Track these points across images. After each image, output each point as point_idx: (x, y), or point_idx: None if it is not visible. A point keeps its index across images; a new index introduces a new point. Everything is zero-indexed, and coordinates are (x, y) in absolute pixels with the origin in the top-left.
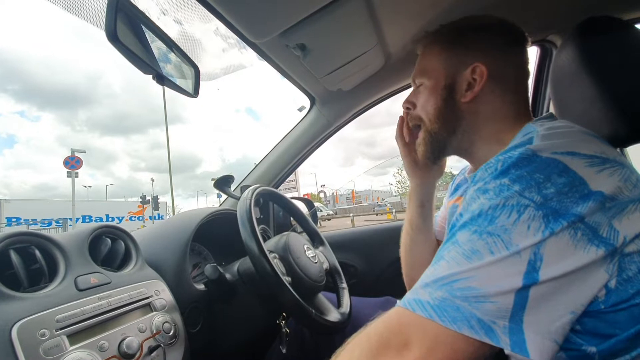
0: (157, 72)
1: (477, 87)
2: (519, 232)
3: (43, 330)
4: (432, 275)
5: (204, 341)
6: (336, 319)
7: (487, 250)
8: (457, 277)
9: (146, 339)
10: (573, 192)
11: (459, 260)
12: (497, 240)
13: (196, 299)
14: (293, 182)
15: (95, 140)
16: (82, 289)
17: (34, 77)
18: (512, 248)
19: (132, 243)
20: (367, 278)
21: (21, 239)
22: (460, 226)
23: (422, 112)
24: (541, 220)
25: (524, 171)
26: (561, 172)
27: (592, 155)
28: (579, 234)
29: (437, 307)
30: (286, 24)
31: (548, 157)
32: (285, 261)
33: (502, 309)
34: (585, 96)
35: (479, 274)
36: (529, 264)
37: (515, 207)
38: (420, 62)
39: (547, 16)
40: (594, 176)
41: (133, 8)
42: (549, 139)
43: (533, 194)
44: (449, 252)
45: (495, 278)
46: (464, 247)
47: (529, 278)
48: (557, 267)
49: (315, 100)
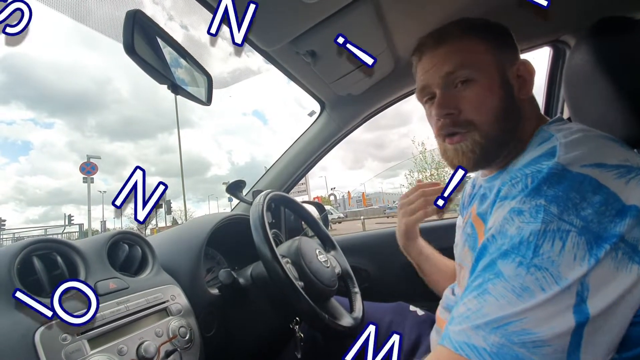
0: (172, 82)
1: (529, 84)
2: (566, 264)
3: (64, 335)
4: (481, 315)
5: (218, 345)
6: (349, 323)
7: (537, 287)
8: (511, 319)
9: (163, 343)
10: (610, 210)
11: (509, 299)
12: (546, 275)
13: (210, 304)
14: (303, 185)
15: (105, 145)
16: (102, 294)
17: (44, 83)
18: (562, 282)
19: (148, 248)
20: (379, 282)
21: (43, 245)
22: (501, 254)
23: (477, 114)
24: (585, 247)
25: (559, 190)
26: (595, 189)
27: (618, 165)
28: (619, 255)
29: (495, 355)
30: (296, 31)
31: (578, 172)
32: (298, 266)
33: (559, 350)
34: (600, 97)
35: (533, 315)
36: (577, 295)
37: (558, 234)
38: (456, 56)
39: (560, 16)
40: (624, 188)
41: (148, 20)
42: (574, 149)
43: (572, 216)
44: (495, 286)
45: (549, 318)
46: (512, 283)
47: (579, 313)
48: (604, 295)
49: (325, 105)
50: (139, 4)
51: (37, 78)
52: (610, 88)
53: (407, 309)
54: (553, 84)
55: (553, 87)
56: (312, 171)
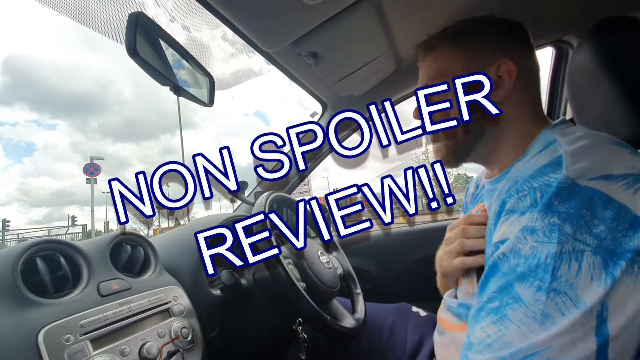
0: (174, 84)
1: (507, 84)
2: (583, 286)
3: (68, 336)
4: (504, 344)
5: (220, 346)
6: (351, 324)
7: (558, 313)
8: (535, 349)
9: (165, 344)
10: (622, 224)
11: (531, 327)
12: (566, 300)
13: (212, 305)
14: (306, 186)
15: (108, 146)
16: (105, 294)
17: (46, 84)
18: (582, 306)
19: (150, 249)
20: (381, 283)
21: (47, 246)
22: (518, 277)
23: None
24: (601, 266)
25: (571, 207)
26: (605, 204)
27: (625, 175)
28: (635, 269)
29: None
30: (298, 32)
31: (587, 186)
32: (300, 267)
33: None
34: (603, 97)
35: (556, 343)
36: (597, 317)
37: (573, 255)
38: (430, 68)
39: (562, 16)
40: (632, 199)
41: (150, 22)
42: (581, 160)
43: (585, 235)
44: (514, 312)
45: (572, 344)
46: (532, 309)
47: (600, 335)
48: (624, 313)
49: (327, 106)
50: (142, 6)
51: (40, 79)
52: (613, 88)
53: (410, 310)
54: (556, 84)
55: (556, 87)
56: (314, 172)
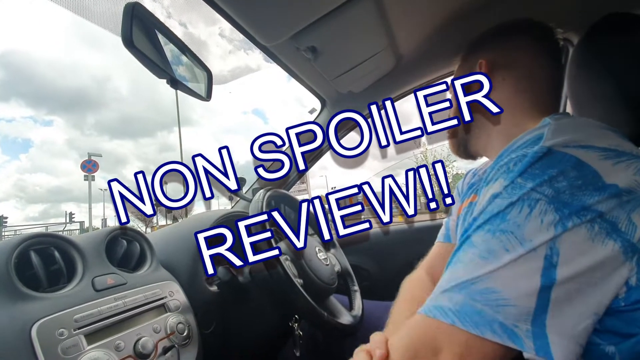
0: (171, 77)
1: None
2: (532, 227)
3: (61, 330)
4: (450, 280)
5: (217, 342)
6: (348, 321)
7: (502, 249)
8: (476, 279)
9: (161, 339)
10: (587, 185)
11: (476, 262)
12: (511, 237)
13: (209, 301)
14: (304, 184)
15: (105, 143)
16: (99, 289)
17: (43, 80)
18: (527, 244)
19: (147, 245)
20: (379, 281)
21: (41, 240)
22: (475, 228)
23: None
24: (554, 213)
25: (540, 170)
26: (574, 165)
27: (606, 148)
28: (596, 228)
29: (458, 312)
30: (297, 26)
31: (560, 151)
32: (297, 263)
33: (524, 312)
34: (603, 94)
35: (497, 275)
36: (545, 259)
37: (527, 202)
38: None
39: (562, 13)
40: (608, 169)
41: (147, 14)
42: (562, 134)
43: (544, 187)
44: (465, 253)
45: (514, 278)
46: (479, 248)
47: (547, 276)
48: (575, 264)
49: (326, 102)
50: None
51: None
52: (613, 85)
53: None
54: None
55: None
56: (312, 170)
